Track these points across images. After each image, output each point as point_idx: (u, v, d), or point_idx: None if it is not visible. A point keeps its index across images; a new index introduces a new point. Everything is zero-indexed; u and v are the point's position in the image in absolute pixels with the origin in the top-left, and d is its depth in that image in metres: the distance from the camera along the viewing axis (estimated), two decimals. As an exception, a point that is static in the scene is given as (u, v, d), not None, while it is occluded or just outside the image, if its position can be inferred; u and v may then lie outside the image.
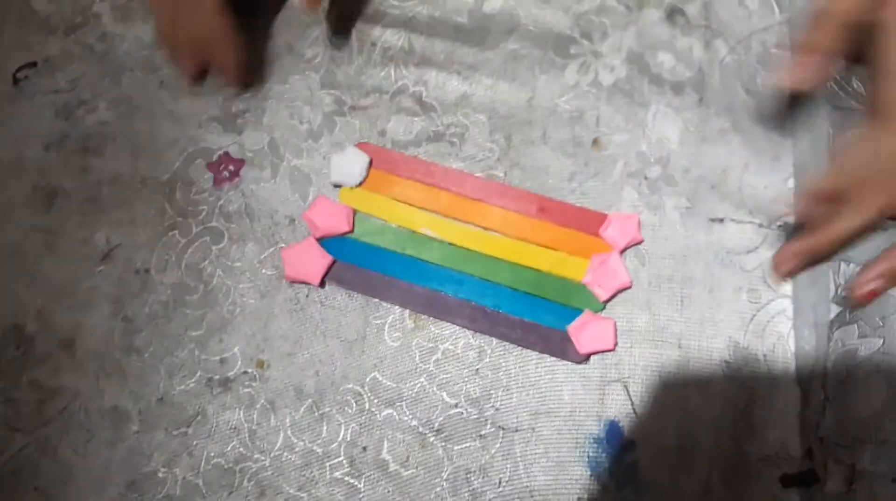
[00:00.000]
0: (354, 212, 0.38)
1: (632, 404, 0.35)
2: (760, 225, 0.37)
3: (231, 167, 0.40)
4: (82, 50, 0.43)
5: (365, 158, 0.38)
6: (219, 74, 0.41)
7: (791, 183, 0.37)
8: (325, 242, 0.38)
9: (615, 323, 0.35)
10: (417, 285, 0.37)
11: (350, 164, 0.38)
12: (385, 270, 0.37)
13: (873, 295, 0.33)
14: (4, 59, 0.43)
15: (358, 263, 0.37)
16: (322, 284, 0.37)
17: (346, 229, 0.38)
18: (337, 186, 0.39)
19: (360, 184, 0.38)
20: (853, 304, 0.34)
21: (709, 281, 0.36)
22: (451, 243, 0.38)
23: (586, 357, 0.35)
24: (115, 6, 0.44)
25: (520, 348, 0.36)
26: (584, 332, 0.35)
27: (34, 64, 0.43)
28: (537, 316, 0.36)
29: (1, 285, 0.39)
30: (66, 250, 0.40)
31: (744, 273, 0.36)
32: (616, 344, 0.35)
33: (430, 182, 0.38)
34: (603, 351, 0.35)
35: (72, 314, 0.38)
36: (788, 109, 0.38)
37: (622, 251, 0.37)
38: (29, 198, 0.41)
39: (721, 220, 0.37)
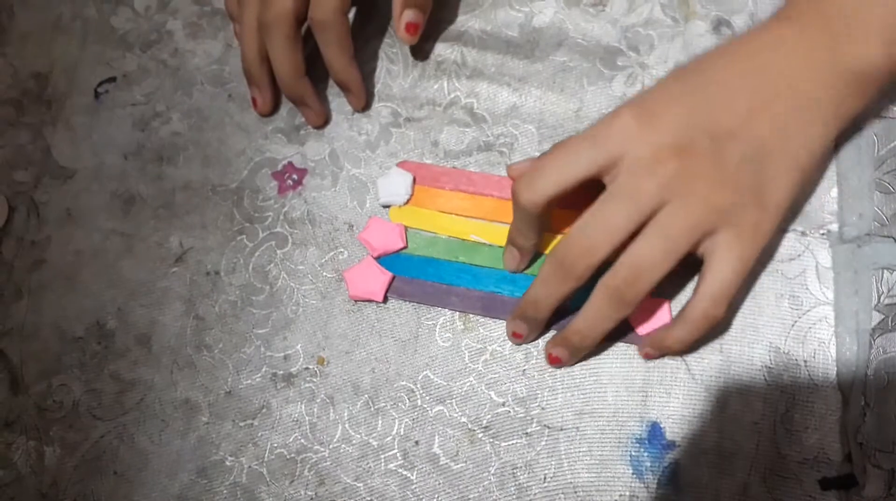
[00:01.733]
0: (406, 228, 0.40)
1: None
2: (803, 233, 0.37)
3: (294, 176, 0.42)
4: (157, 65, 0.46)
5: (408, 177, 0.40)
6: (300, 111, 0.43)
7: (834, 192, 0.37)
8: (383, 260, 0.40)
9: (668, 302, 0.37)
10: (474, 290, 0.39)
11: (395, 184, 0.40)
12: (441, 279, 0.39)
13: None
14: (86, 74, 0.47)
15: (415, 275, 0.39)
16: (385, 299, 0.39)
17: (400, 245, 0.40)
18: (386, 206, 0.41)
19: (408, 201, 0.40)
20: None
21: (751, 288, 0.37)
22: (500, 246, 0.39)
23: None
24: (186, 24, 0.47)
25: (565, 350, 0.38)
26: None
27: (113, 79, 0.46)
28: (583, 297, 0.35)
29: (84, 284, 0.43)
30: (143, 253, 0.43)
31: (786, 280, 0.37)
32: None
33: (472, 191, 0.40)
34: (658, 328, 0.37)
35: (148, 312, 0.42)
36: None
37: None
38: (108, 203, 0.44)
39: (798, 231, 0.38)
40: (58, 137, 0.46)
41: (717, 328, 0.35)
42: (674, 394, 0.36)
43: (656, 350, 0.36)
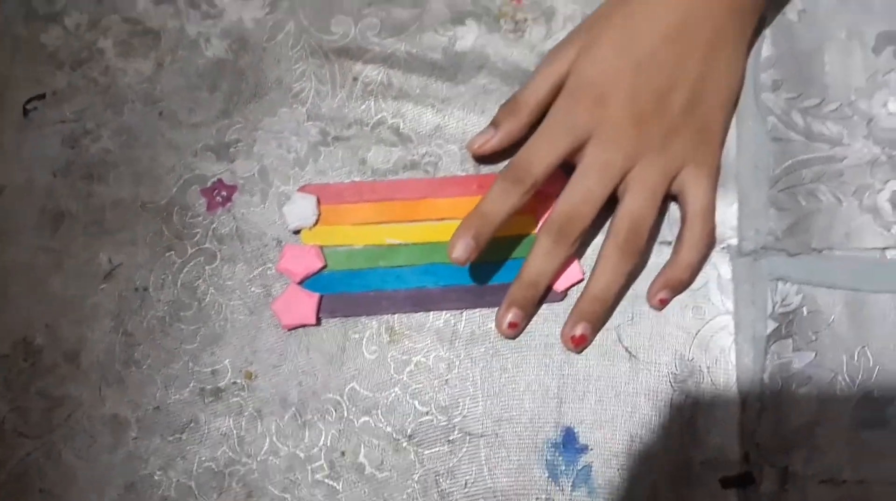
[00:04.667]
0: (322, 248, 0.41)
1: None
2: (707, 248, 0.40)
3: (224, 193, 0.43)
4: (87, 83, 0.47)
5: (312, 198, 0.42)
6: None
7: (735, 208, 0.40)
8: (306, 283, 0.41)
9: (577, 259, 0.40)
10: (401, 290, 0.40)
11: (300, 207, 0.42)
12: (368, 287, 0.41)
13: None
14: (15, 91, 0.47)
15: (342, 290, 0.41)
16: (318, 321, 0.40)
17: (319, 265, 0.41)
18: (296, 232, 0.42)
19: (317, 222, 0.42)
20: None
21: (658, 299, 0.39)
22: (415, 243, 0.41)
23: (563, 294, 0.40)
24: (117, 42, 0.47)
25: (485, 360, 0.39)
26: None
27: (42, 96, 0.47)
28: (510, 276, 0.39)
29: (11, 300, 0.43)
30: (72, 269, 0.43)
31: (690, 292, 0.39)
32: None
33: (377, 198, 0.42)
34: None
35: (77, 328, 0.42)
36: (731, 140, 0.41)
37: None
38: (37, 220, 0.44)
39: (669, 243, 0.40)
40: (-15, 154, 0.46)
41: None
42: (586, 400, 0.38)
43: (671, 290, 0.39)
